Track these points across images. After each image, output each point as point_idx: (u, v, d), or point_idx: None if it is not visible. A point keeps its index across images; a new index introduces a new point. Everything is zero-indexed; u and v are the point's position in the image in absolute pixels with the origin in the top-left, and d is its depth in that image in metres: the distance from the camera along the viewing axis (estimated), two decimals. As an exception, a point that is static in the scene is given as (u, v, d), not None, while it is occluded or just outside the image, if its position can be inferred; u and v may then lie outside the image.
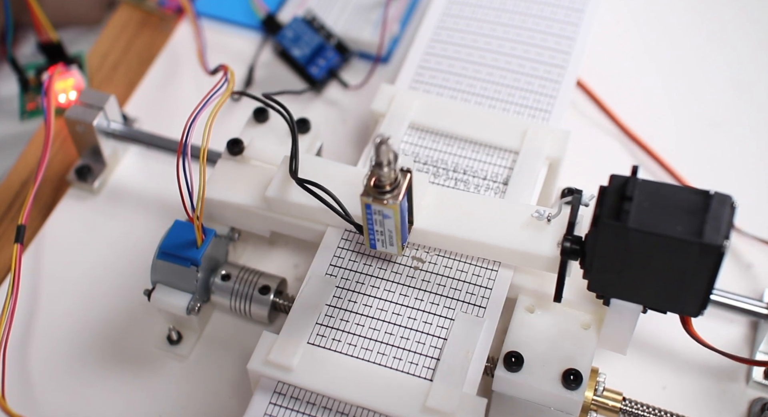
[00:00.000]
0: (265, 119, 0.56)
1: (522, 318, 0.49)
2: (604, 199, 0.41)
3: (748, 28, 0.70)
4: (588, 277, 0.44)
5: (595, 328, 0.48)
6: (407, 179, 0.44)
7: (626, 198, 0.40)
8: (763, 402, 0.51)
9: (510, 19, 0.61)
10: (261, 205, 0.52)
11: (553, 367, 0.47)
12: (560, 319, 0.49)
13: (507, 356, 0.47)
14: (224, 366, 0.53)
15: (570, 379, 0.46)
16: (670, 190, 0.40)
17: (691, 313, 0.42)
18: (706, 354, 0.53)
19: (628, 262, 0.41)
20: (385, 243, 0.47)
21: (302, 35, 0.65)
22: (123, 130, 0.60)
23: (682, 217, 0.39)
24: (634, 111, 0.64)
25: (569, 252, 0.44)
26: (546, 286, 0.49)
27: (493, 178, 0.53)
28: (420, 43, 0.60)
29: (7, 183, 0.62)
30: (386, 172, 0.43)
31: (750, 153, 0.63)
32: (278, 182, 0.51)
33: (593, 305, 0.48)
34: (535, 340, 0.48)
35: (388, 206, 0.44)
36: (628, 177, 0.41)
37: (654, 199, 0.40)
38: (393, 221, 0.45)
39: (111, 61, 0.69)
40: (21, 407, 0.51)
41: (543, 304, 0.49)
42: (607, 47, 0.68)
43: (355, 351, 0.47)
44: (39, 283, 0.56)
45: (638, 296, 0.43)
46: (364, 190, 0.44)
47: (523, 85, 0.58)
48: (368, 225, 0.46)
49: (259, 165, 0.54)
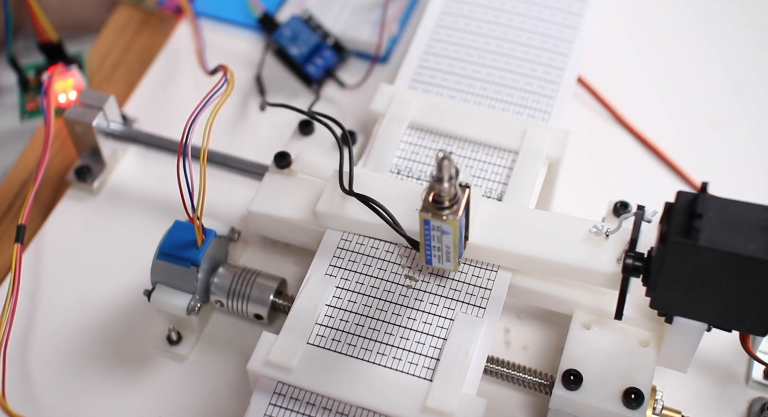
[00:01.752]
0: (311, 131, 0.56)
1: (579, 335, 0.48)
2: (671, 215, 0.40)
3: (748, 28, 0.70)
4: (651, 294, 0.43)
5: (654, 346, 0.47)
6: (466, 195, 0.44)
7: (696, 215, 0.39)
8: (762, 402, 0.51)
9: (509, 20, 0.61)
10: (310, 219, 0.51)
11: (612, 386, 0.46)
12: (617, 336, 0.48)
13: (566, 374, 0.46)
14: (224, 366, 0.53)
15: (631, 397, 0.45)
16: (740, 208, 0.40)
17: (759, 333, 0.42)
18: (706, 354, 0.53)
19: (695, 280, 0.40)
20: (442, 259, 0.46)
21: (300, 34, 0.65)
22: (122, 130, 0.60)
23: (754, 235, 0.38)
24: (633, 111, 0.64)
25: (632, 269, 0.43)
26: (601, 302, 0.48)
27: (492, 178, 0.53)
28: (419, 43, 0.60)
29: (7, 183, 0.62)
30: (447, 188, 0.43)
31: (749, 152, 0.63)
32: (329, 196, 0.51)
33: (652, 322, 0.48)
34: (593, 358, 0.47)
35: (447, 222, 0.43)
36: (697, 194, 0.40)
37: (724, 216, 0.39)
38: (452, 237, 0.44)
39: (111, 61, 0.69)
40: (21, 407, 0.51)
41: (599, 321, 0.49)
42: (607, 47, 0.68)
43: (355, 351, 0.47)
44: (39, 283, 0.56)
45: (704, 314, 0.42)
46: (423, 205, 0.43)
47: (523, 86, 0.58)
48: (426, 241, 0.45)
49: (307, 178, 0.53)
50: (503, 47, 0.60)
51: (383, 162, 0.54)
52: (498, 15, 0.61)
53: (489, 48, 0.60)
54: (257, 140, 0.63)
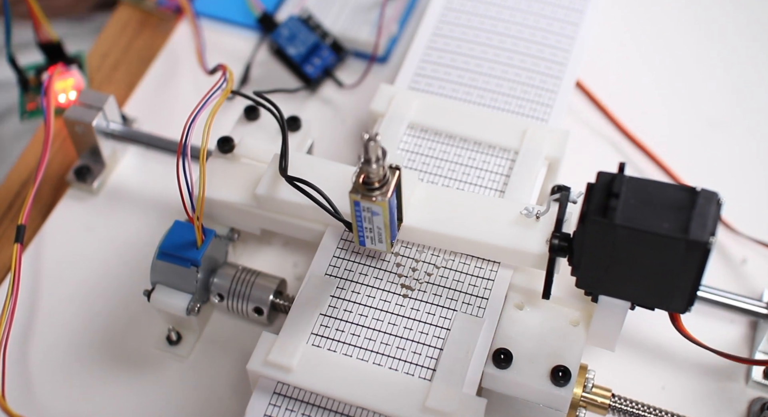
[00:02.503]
0: (256, 117, 0.56)
1: (511, 315, 0.49)
2: (591, 196, 0.41)
3: (746, 29, 0.70)
4: (576, 274, 0.44)
5: (583, 325, 0.48)
6: (396, 176, 0.44)
7: (613, 195, 0.40)
8: (762, 402, 0.51)
9: (511, 16, 0.61)
10: (251, 202, 0.52)
11: (541, 364, 0.47)
12: (549, 316, 0.49)
13: (496, 353, 0.47)
14: (224, 366, 0.53)
15: (558, 375, 0.46)
16: (657, 187, 0.40)
17: (679, 310, 0.43)
18: (705, 354, 0.52)
19: (615, 258, 0.41)
20: (374, 240, 0.47)
21: (298, 34, 0.65)
22: (122, 130, 0.60)
23: (668, 214, 0.39)
24: (632, 111, 0.64)
25: (557, 249, 0.44)
26: (535, 283, 0.49)
27: (492, 177, 0.53)
28: (419, 44, 0.60)
29: (7, 183, 0.62)
30: (375, 169, 0.43)
31: (748, 153, 0.63)
32: (268, 180, 0.51)
33: (582, 302, 0.49)
34: (524, 337, 0.48)
35: (376, 203, 0.44)
36: (615, 174, 0.41)
37: (641, 195, 0.40)
38: (382, 218, 0.45)
39: (111, 61, 0.69)
40: (21, 407, 0.51)
41: (532, 301, 0.49)
42: (606, 47, 0.68)
43: (355, 351, 0.47)
44: (39, 283, 0.56)
45: (626, 293, 0.43)
46: (352, 187, 0.44)
47: (523, 84, 0.58)
48: (357, 222, 0.46)
49: (249, 163, 0.54)
50: (505, 42, 0.60)
51: (383, 162, 0.54)
52: (499, 11, 0.62)
53: (491, 43, 0.60)
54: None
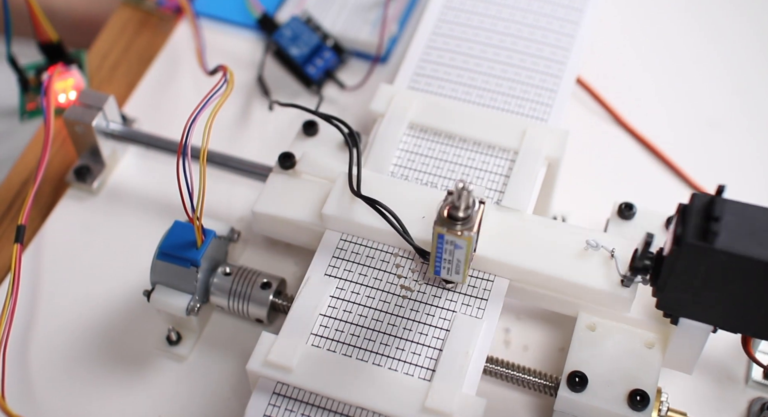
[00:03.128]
0: (315, 132, 0.56)
1: (583, 336, 0.48)
2: (686, 218, 0.40)
3: (747, 27, 0.70)
4: (659, 295, 0.43)
5: (659, 347, 0.47)
6: (481, 211, 0.44)
7: (713, 218, 0.39)
8: (762, 402, 0.51)
9: (510, 15, 0.61)
10: (315, 221, 0.51)
11: (617, 388, 0.46)
12: (623, 337, 0.48)
13: (570, 376, 0.46)
14: (223, 367, 0.53)
15: (636, 399, 0.45)
16: (757, 212, 0.40)
17: (766, 337, 0.42)
18: (705, 354, 0.53)
19: (706, 282, 0.40)
20: (451, 271, 0.46)
21: (300, 35, 0.65)
22: (122, 130, 0.60)
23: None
24: (633, 110, 0.64)
25: (641, 269, 0.43)
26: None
27: (492, 177, 0.53)
28: (419, 43, 0.60)
29: (7, 183, 0.62)
30: (462, 207, 0.42)
31: (749, 152, 0.63)
32: (336, 198, 0.50)
33: (657, 323, 0.48)
34: (598, 359, 0.47)
35: (462, 238, 0.43)
36: (713, 196, 0.40)
37: (740, 220, 0.39)
38: (464, 252, 0.44)
39: (111, 61, 0.69)
40: (20, 407, 0.51)
41: (604, 322, 0.48)
42: (606, 47, 0.68)
43: (354, 351, 0.47)
44: (38, 283, 0.56)
45: (711, 317, 0.42)
46: (437, 218, 0.43)
47: (524, 82, 0.58)
48: (437, 254, 0.45)
49: (311, 179, 0.53)
50: (505, 42, 0.60)
51: (383, 162, 0.54)
52: (499, 10, 0.61)
53: (490, 42, 0.60)
54: (259, 141, 0.63)
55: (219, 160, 0.57)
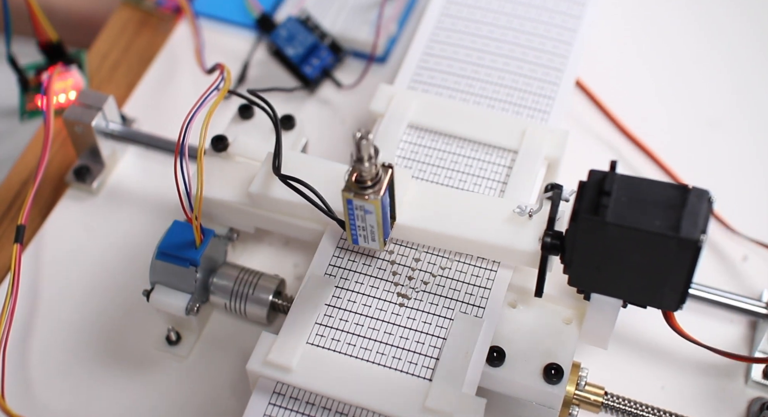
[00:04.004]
0: (251, 116, 0.57)
1: (504, 313, 0.49)
2: (583, 193, 0.41)
3: (746, 29, 0.70)
4: (568, 272, 0.44)
5: (576, 323, 0.49)
6: (389, 174, 0.44)
7: (604, 193, 0.40)
8: (762, 401, 0.51)
9: (508, 22, 0.61)
10: (245, 201, 0.52)
11: (534, 362, 0.47)
12: (542, 314, 0.49)
13: (489, 351, 0.47)
14: (223, 366, 0.53)
15: (551, 373, 0.46)
16: (649, 185, 0.40)
17: (670, 308, 0.43)
18: (705, 354, 0.52)
19: (606, 256, 0.41)
20: (367, 238, 0.47)
21: (296, 34, 0.65)
22: (121, 130, 0.60)
23: (659, 212, 0.39)
24: (632, 111, 0.64)
25: (550, 247, 0.44)
26: (528, 282, 0.49)
27: (491, 177, 0.53)
28: (419, 43, 0.60)
29: (7, 183, 0.62)
30: (367, 168, 0.43)
31: (748, 152, 0.63)
32: (262, 178, 0.51)
33: (575, 300, 0.49)
34: (517, 335, 0.48)
35: (369, 201, 0.44)
36: (606, 172, 0.41)
37: (632, 193, 0.40)
38: (375, 216, 0.45)
39: (111, 61, 0.69)
40: (20, 407, 0.51)
41: (525, 300, 0.50)
42: (606, 48, 0.68)
43: (355, 351, 0.47)
44: (38, 284, 0.56)
45: (618, 291, 0.44)
46: (345, 185, 0.44)
47: (522, 86, 0.58)
48: (350, 220, 0.46)
49: (243, 161, 0.54)
50: (502, 48, 0.60)
51: (382, 162, 0.54)
52: (497, 17, 0.61)
53: (488, 49, 0.60)
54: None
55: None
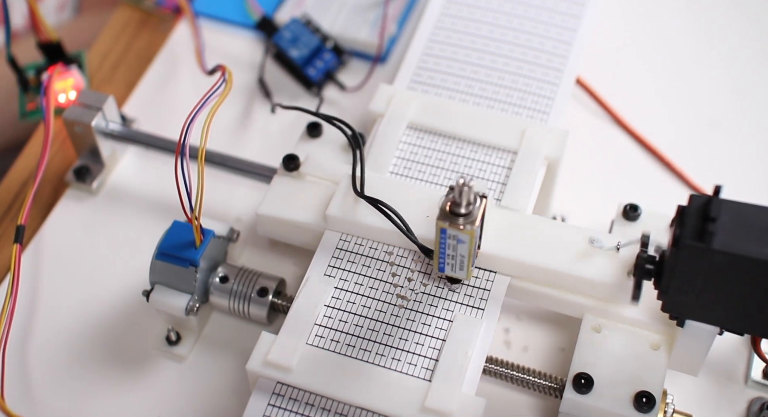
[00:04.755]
0: (319, 134, 0.56)
1: (589, 338, 0.48)
2: (684, 219, 0.40)
3: (746, 29, 0.70)
4: (663, 298, 0.42)
5: (665, 349, 0.47)
6: (483, 205, 0.44)
7: (709, 219, 0.39)
8: (762, 402, 0.51)
9: (508, 22, 0.61)
10: (320, 222, 0.51)
11: (623, 389, 0.46)
12: (628, 339, 0.48)
13: (576, 378, 0.46)
14: (223, 367, 0.53)
15: (642, 401, 0.45)
16: (754, 211, 0.39)
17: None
18: (705, 354, 0.53)
19: (708, 283, 0.40)
20: (455, 267, 0.46)
21: (300, 37, 0.65)
22: (121, 130, 0.60)
23: (767, 239, 0.38)
24: (632, 111, 0.64)
25: (644, 272, 0.43)
26: (612, 305, 0.48)
27: (491, 178, 0.53)
28: (419, 43, 0.60)
29: (7, 183, 0.62)
30: (463, 200, 0.43)
31: (749, 152, 0.63)
32: (339, 200, 0.50)
33: (663, 325, 0.48)
34: (604, 361, 0.47)
35: (464, 232, 0.43)
36: (709, 196, 0.40)
37: (737, 219, 0.39)
38: (467, 246, 0.44)
39: (111, 61, 0.69)
40: (20, 407, 0.51)
41: (610, 324, 0.48)
42: (606, 48, 0.68)
43: (354, 351, 0.47)
44: (38, 284, 0.56)
45: (716, 318, 0.42)
46: (440, 213, 0.43)
47: (522, 86, 0.58)
48: (441, 249, 0.45)
49: (316, 181, 0.53)
50: (502, 48, 0.60)
51: (383, 162, 0.54)
52: (497, 16, 0.61)
53: (488, 49, 0.60)
54: (261, 142, 0.63)
55: (218, 160, 0.57)
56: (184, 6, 0.68)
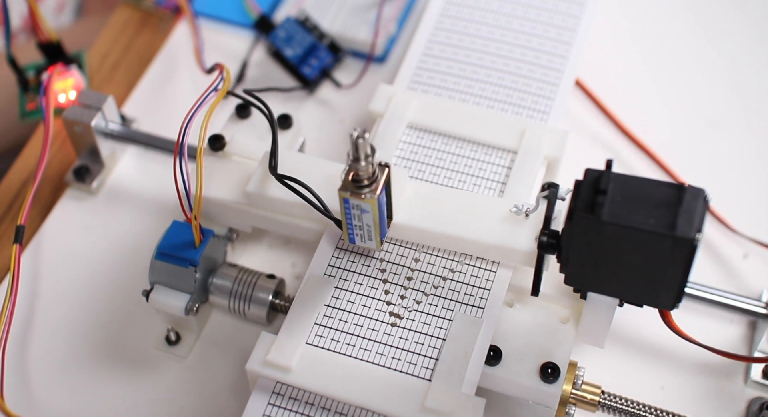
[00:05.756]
0: (248, 115, 0.57)
1: (501, 312, 0.49)
2: (579, 192, 0.41)
3: (746, 29, 0.70)
4: (564, 270, 0.44)
5: (573, 322, 0.49)
6: (385, 174, 0.44)
7: (600, 191, 0.40)
8: (761, 401, 0.51)
9: (508, 22, 0.61)
10: (242, 200, 0.52)
11: (531, 361, 0.47)
12: (539, 313, 0.49)
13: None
14: (223, 366, 0.53)
15: (548, 372, 0.47)
16: (645, 184, 0.40)
17: (667, 306, 0.43)
18: (705, 354, 0.52)
19: (603, 255, 0.41)
20: (364, 237, 0.47)
21: (295, 35, 0.65)
22: (121, 130, 0.60)
23: (655, 210, 0.39)
24: (632, 111, 0.64)
25: (546, 246, 0.44)
26: (525, 281, 0.49)
27: (491, 178, 0.53)
28: (418, 44, 0.60)
29: (7, 183, 0.62)
30: (364, 167, 0.43)
31: (748, 152, 0.63)
32: (258, 178, 0.51)
33: (571, 299, 0.49)
34: (514, 335, 0.48)
35: (365, 200, 0.44)
36: (602, 170, 0.41)
37: (628, 192, 0.40)
38: (371, 215, 0.45)
39: (111, 61, 0.69)
40: (19, 407, 0.51)
41: (522, 299, 0.50)
42: (606, 48, 0.68)
43: (354, 351, 0.47)
44: (37, 284, 0.56)
45: (614, 290, 0.44)
46: (342, 184, 0.44)
47: (522, 87, 0.58)
48: (347, 219, 0.46)
49: (241, 161, 0.54)
50: (502, 49, 0.60)
51: (382, 162, 0.54)
52: (496, 17, 0.61)
53: (487, 49, 0.60)
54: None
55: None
56: (184, 6, 0.68)
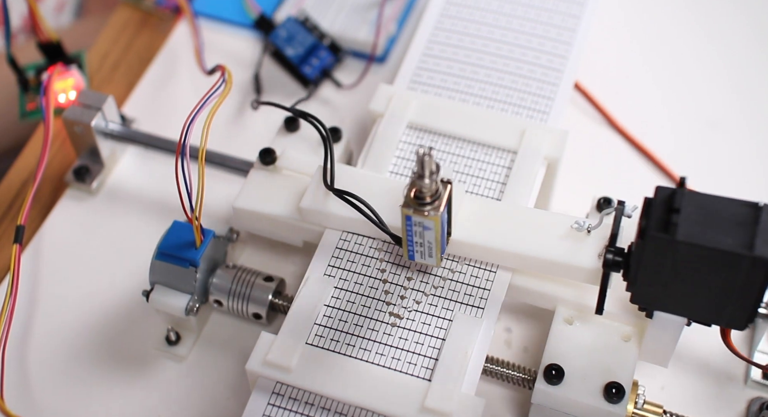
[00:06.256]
0: (296, 128, 0.56)
1: (561, 330, 0.48)
2: (650, 210, 0.40)
3: (746, 28, 0.70)
4: (632, 289, 0.43)
5: (635, 341, 0.48)
6: (448, 190, 0.44)
7: (674, 210, 0.39)
8: (761, 401, 0.51)
9: (508, 22, 0.61)
10: (294, 215, 0.52)
11: (593, 380, 0.46)
12: (600, 331, 0.48)
13: (547, 369, 0.46)
14: (223, 367, 0.53)
15: (612, 392, 0.46)
16: (718, 202, 0.40)
17: (738, 327, 0.42)
18: (705, 354, 0.53)
19: (674, 274, 0.40)
20: (424, 255, 0.47)
21: (295, 35, 0.65)
22: (121, 130, 0.60)
23: (731, 230, 0.39)
24: (632, 111, 0.64)
25: (612, 264, 0.44)
26: (584, 297, 0.49)
27: (491, 178, 0.53)
28: (418, 44, 0.60)
29: (6, 183, 0.62)
30: (428, 184, 0.43)
31: (748, 152, 0.63)
32: (312, 193, 0.51)
33: (634, 317, 0.48)
34: (575, 353, 0.47)
35: (429, 218, 0.43)
36: (675, 188, 0.40)
37: (702, 210, 0.39)
38: (433, 233, 0.45)
39: (111, 61, 0.69)
40: (19, 408, 0.51)
41: (582, 316, 0.49)
42: (605, 49, 0.68)
43: (354, 351, 0.47)
44: (37, 284, 0.56)
45: (682, 309, 0.43)
46: (404, 201, 0.44)
47: (521, 87, 0.58)
48: (408, 236, 0.45)
49: (292, 175, 0.53)
50: (502, 49, 0.60)
51: (382, 162, 0.54)
52: (496, 17, 0.61)
53: (487, 49, 0.60)
54: (254, 139, 0.63)
55: (218, 159, 0.57)
56: (184, 6, 0.68)
